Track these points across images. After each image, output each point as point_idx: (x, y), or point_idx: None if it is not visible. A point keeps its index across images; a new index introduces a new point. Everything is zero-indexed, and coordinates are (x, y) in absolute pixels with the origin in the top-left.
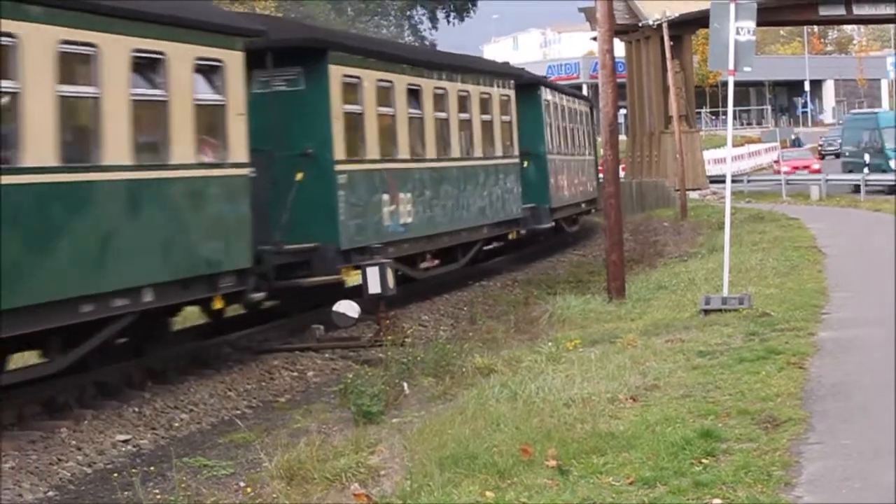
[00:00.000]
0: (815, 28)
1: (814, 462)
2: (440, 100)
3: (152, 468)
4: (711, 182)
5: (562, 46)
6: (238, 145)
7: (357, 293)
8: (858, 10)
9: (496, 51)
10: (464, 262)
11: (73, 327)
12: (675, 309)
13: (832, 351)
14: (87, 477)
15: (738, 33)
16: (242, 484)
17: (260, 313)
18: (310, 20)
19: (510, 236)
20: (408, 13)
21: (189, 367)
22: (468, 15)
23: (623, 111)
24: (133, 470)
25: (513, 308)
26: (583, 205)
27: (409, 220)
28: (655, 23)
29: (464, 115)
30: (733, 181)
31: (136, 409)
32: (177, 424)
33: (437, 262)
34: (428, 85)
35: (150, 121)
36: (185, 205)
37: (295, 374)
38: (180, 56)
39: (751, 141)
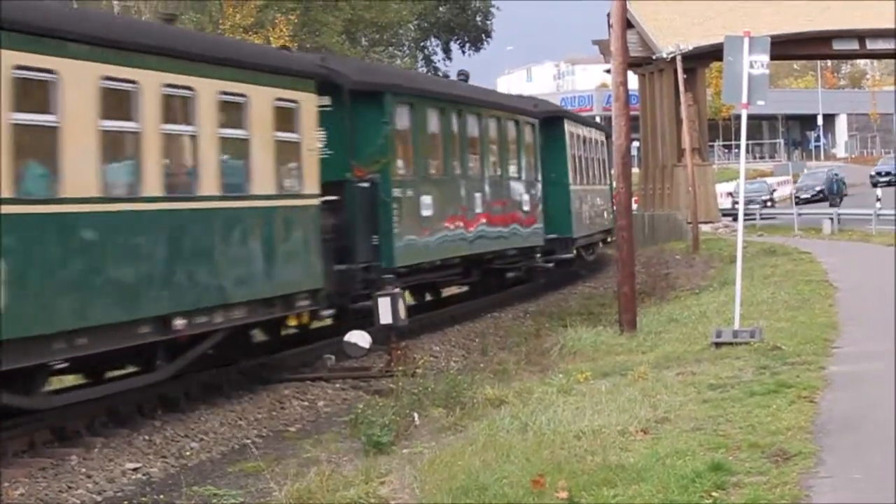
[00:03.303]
0: (829, 62)
1: (823, 496)
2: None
3: (162, 497)
4: (724, 215)
5: (576, 78)
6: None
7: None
8: (872, 45)
9: (510, 82)
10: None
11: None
12: (686, 342)
13: (843, 385)
14: None
15: (751, 67)
16: None
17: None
18: (326, 51)
19: None
20: (422, 44)
21: (200, 395)
22: (483, 46)
23: (636, 144)
24: (143, 498)
25: (524, 340)
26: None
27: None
28: (669, 56)
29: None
30: (746, 215)
31: (147, 438)
32: (187, 453)
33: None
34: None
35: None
36: None
37: (306, 403)
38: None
39: (763, 174)
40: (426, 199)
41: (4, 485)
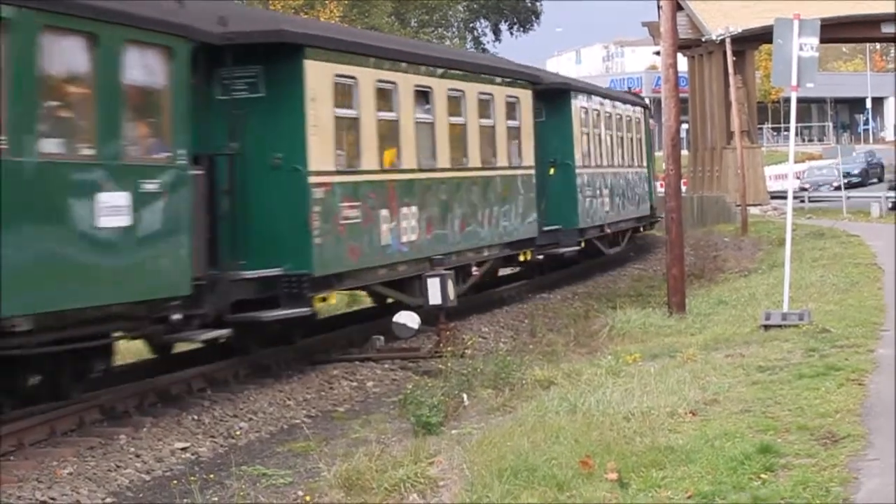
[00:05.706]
0: (878, 45)
1: (872, 479)
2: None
3: (211, 476)
4: (772, 198)
5: (625, 60)
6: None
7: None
8: None
9: (560, 64)
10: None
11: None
12: (735, 324)
13: (891, 368)
14: (146, 484)
15: (801, 49)
16: (301, 493)
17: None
18: (375, 31)
19: None
20: (471, 25)
21: (248, 375)
22: (532, 28)
23: (685, 126)
24: (192, 478)
25: (573, 321)
26: None
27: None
28: (718, 38)
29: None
30: (794, 197)
31: (196, 417)
32: (236, 432)
33: None
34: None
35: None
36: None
37: (354, 384)
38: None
39: (812, 157)
40: None
41: (53, 463)
